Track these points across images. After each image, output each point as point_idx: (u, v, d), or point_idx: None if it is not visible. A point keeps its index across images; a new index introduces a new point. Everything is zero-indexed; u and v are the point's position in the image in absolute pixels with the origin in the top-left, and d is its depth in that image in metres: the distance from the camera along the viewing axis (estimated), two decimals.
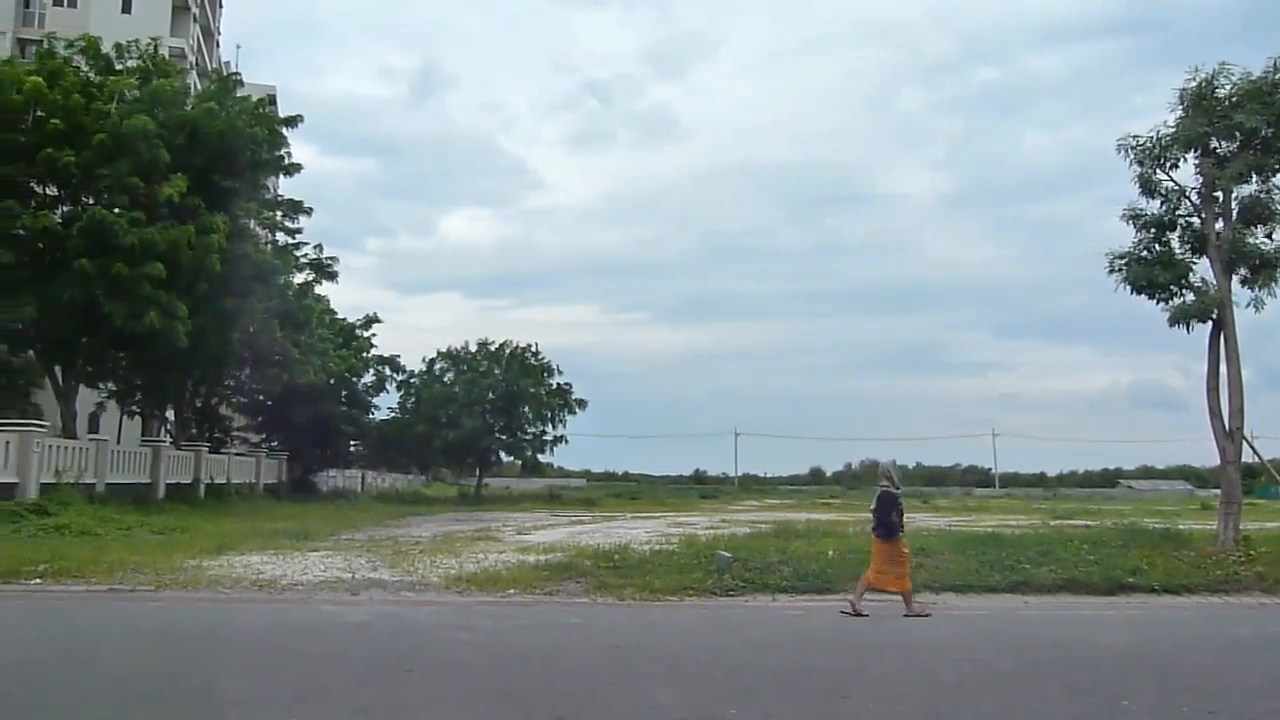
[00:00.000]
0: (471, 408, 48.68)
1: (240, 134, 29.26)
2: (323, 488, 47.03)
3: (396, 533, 22.26)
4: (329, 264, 40.02)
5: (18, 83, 25.86)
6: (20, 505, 20.37)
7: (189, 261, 25.98)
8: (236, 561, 14.48)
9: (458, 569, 14.00)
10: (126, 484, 27.33)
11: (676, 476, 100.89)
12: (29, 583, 11.95)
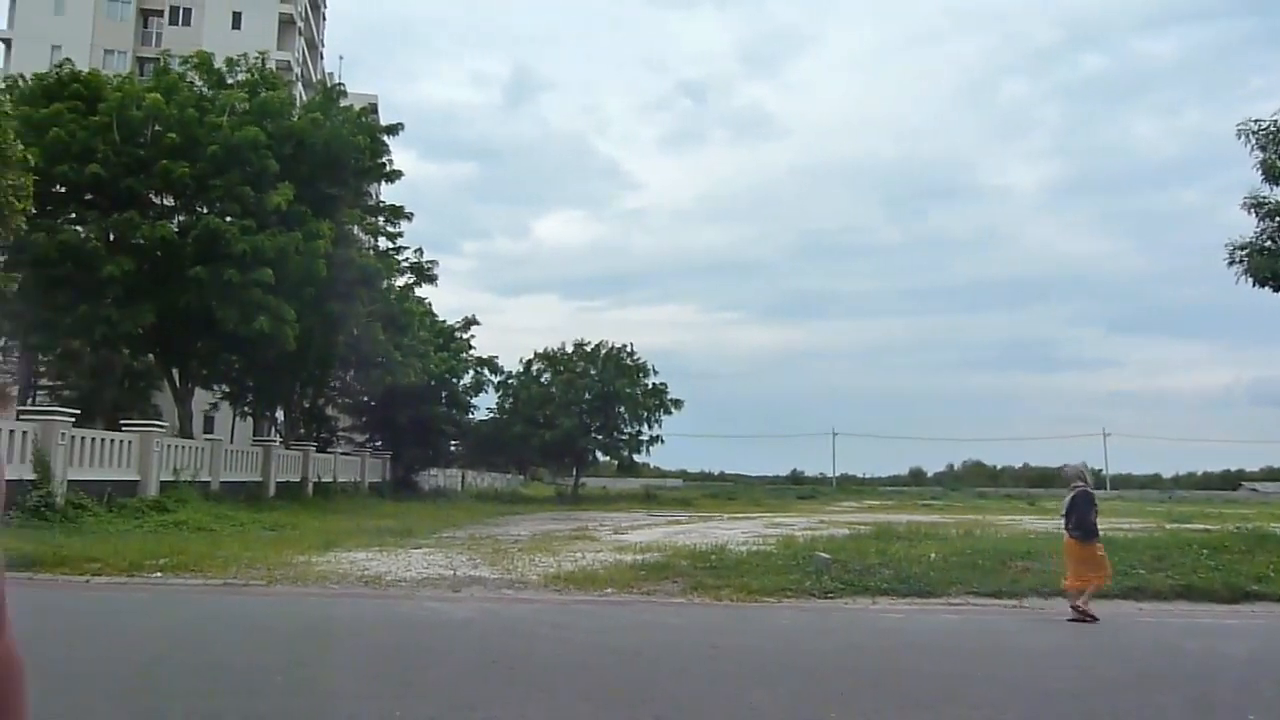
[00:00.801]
0: (568, 408, 49.12)
1: (344, 142, 30.13)
2: (424, 486, 48.06)
3: (496, 531, 22.59)
4: (429, 267, 40.93)
5: (137, 99, 27.10)
6: (142, 502, 21.33)
7: (296, 267, 26.84)
8: (343, 558, 14.87)
9: (556, 568, 14.12)
10: (239, 482, 28.36)
11: (773, 477, 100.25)
12: (150, 576, 12.47)
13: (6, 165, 19.94)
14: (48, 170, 24.08)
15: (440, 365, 42.25)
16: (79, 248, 25.70)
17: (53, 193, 26.15)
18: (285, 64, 50.60)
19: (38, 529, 16.11)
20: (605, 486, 62.78)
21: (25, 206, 21.00)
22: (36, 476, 18.25)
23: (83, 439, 20.80)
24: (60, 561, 12.71)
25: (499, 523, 26.81)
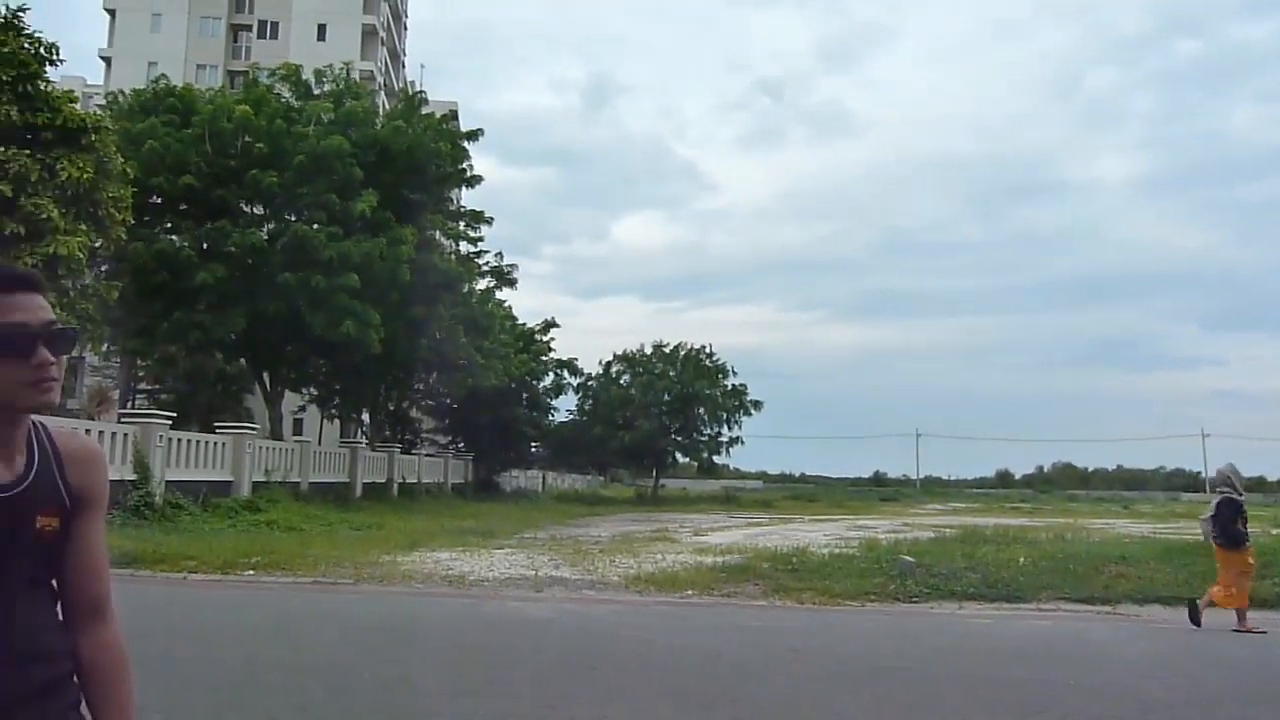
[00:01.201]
0: (647, 409, 49.17)
1: (426, 149, 30.67)
2: (506, 487, 48.60)
3: (576, 532, 22.72)
4: (509, 271, 41.38)
5: (228, 111, 27.97)
6: (235, 502, 21.97)
7: (381, 272, 27.39)
8: (428, 557, 15.11)
9: (636, 569, 14.14)
10: (327, 483, 29.03)
11: (855, 478, 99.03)
12: (244, 574, 12.83)
13: (108, 178, 20.75)
14: (145, 182, 25.00)
15: (521, 367, 42.66)
16: (174, 256, 26.61)
17: (149, 204, 27.15)
18: (369, 74, 51.75)
19: (138, 527, 16.71)
20: (685, 488, 62.71)
21: (125, 217, 21.83)
22: (136, 477, 18.91)
23: (179, 441, 21.50)
24: (159, 559, 13.16)
25: (579, 524, 26.97)
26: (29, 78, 19.65)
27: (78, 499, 1.74)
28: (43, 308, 1.66)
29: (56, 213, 19.13)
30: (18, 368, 1.60)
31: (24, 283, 1.66)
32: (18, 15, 19.79)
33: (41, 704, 1.66)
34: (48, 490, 1.69)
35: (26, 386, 1.60)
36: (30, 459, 1.68)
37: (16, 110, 19.23)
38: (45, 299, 1.69)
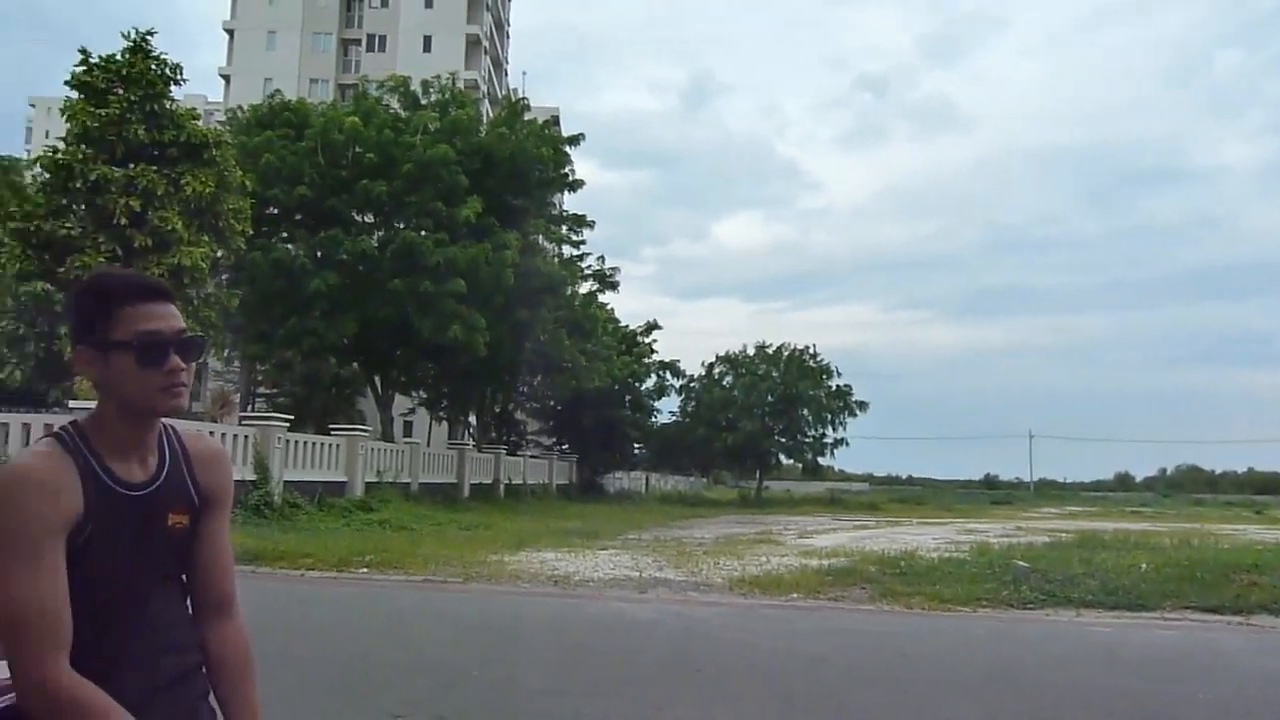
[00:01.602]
0: (750, 411, 48.86)
1: (528, 155, 31.13)
2: (609, 489, 48.93)
3: (680, 534, 22.69)
4: (611, 274, 41.70)
5: (339, 123, 28.89)
6: (349, 501, 22.63)
7: (486, 277, 27.91)
8: (534, 558, 15.28)
9: (740, 571, 14.04)
10: (436, 483, 29.67)
11: (965, 481, 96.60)
12: (357, 572, 13.19)
13: (228, 191, 21.66)
14: (262, 193, 26.03)
15: (623, 369, 42.90)
16: (290, 265, 27.61)
17: (266, 214, 28.24)
18: (473, 82, 52.76)
19: (258, 525, 17.34)
20: (789, 490, 62.12)
21: (244, 228, 22.76)
22: (257, 477, 19.65)
23: (296, 442, 22.24)
24: (278, 556, 13.62)
25: (683, 525, 26.94)
26: (156, 97, 20.66)
27: (205, 498, 1.81)
28: (175, 316, 1.74)
29: (181, 225, 20.05)
30: (154, 374, 1.67)
31: (159, 293, 1.73)
32: (145, 39, 20.84)
33: (173, 695, 1.73)
34: (178, 490, 1.76)
35: (160, 391, 1.68)
36: (161, 460, 1.76)
37: (144, 129, 20.24)
38: (176, 308, 1.76)
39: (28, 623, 1.54)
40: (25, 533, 1.56)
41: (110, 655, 1.64)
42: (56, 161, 20.14)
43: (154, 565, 1.73)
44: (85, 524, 1.62)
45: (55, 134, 25.10)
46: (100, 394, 1.71)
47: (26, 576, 1.54)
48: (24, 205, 20.28)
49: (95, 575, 1.64)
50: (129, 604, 1.69)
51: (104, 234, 19.61)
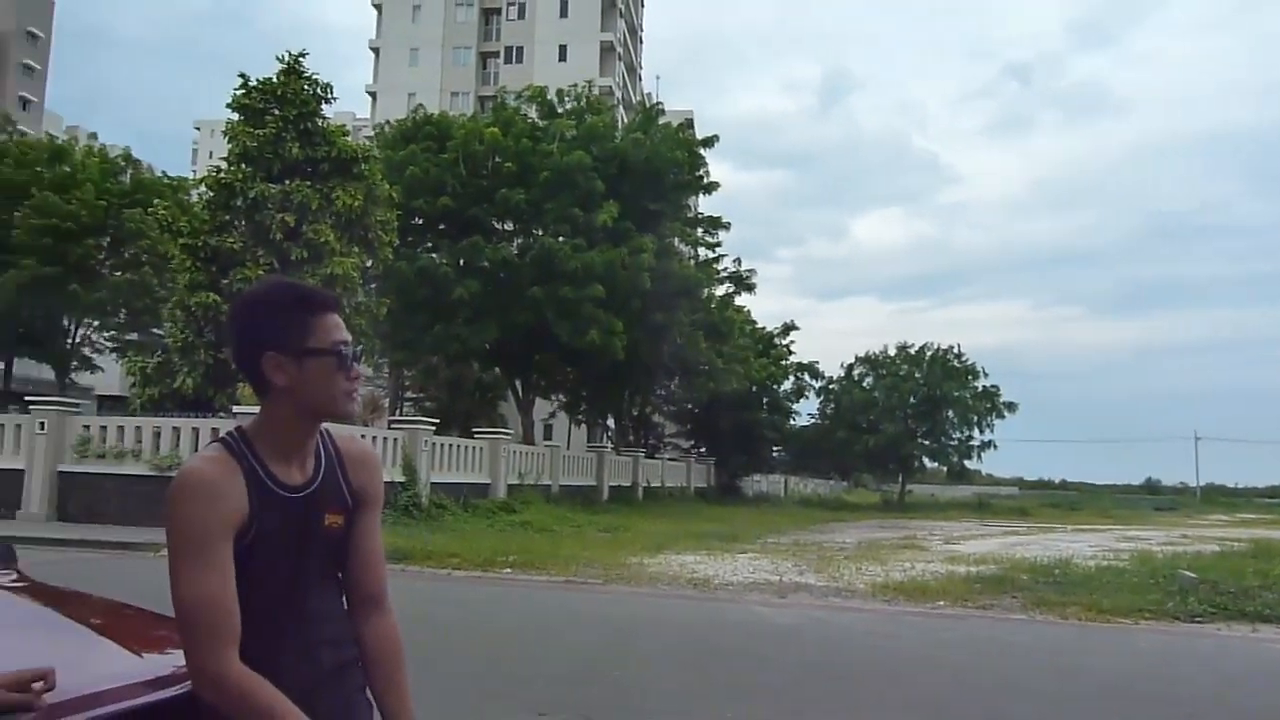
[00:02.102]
0: (892, 413, 47.81)
1: (663, 159, 31.28)
2: (747, 492, 48.64)
3: (820, 538, 22.36)
4: (747, 276, 41.40)
5: (479, 134, 29.69)
6: (492, 503, 23.16)
7: (623, 281, 28.18)
8: (672, 560, 15.30)
9: (884, 577, 13.71)
10: (575, 486, 30.09)
11: (1124, 485, 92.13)
12: (501, 572, 13.47)
13: (376, 204, 22.51)
14: (407, 205, 26.94)
15: (760, 372, 42.61)
16: (434, 273, 28.50)
17: (411, 225, 29.22)
18: (607, 89, 53.38)
19: (407, 526, 17.93)
20: (933, 494, 60.48)
21: (391, 239, 23.62)
22: (405, 479, 20.32)
23: (442, 445, 22.91)
24: (426, 555, 14.05)
25: (823, 529, 26.54)
26: (308, 116, 21.67)
27: (358, 498, 1.87)
28: (345, 327, 1.83)
29: (333, 237, 20.95)
30: (343, 380, 1.76)
31: (336, 305, 1.84)
32: (298, 60, 21.88)
33: (332, 686, 1.80)
34: (333, 491, 1.83)
35: (345, 396, 1.77)
36: (318, 463, 1.83)
37: (299, 146, 21.24)
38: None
39: (200, 618, 1.61)
40: (196, 533, 1.64)
41: (275, 649, 1.72)
42: (219, 180, 21.35)
43: (314, 564, 1.80)
44: (251, 525, 1.69)
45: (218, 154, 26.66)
46: (275, 399, 1.77)
47: (198, 575, 1.62)
48: (192, 222, 21.58)
49: (261, 574, 1.71)
50: (292, 600, 1.76)
51: (263, 247, 20.66)
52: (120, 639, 2.05)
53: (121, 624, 2.21)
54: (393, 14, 61.94)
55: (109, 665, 1.88)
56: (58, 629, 2.12)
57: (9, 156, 32.62)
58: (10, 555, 2.50)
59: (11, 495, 17.92)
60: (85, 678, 1.71)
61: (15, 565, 2.49)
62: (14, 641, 1.96)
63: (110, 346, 35.50)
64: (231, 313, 1.86)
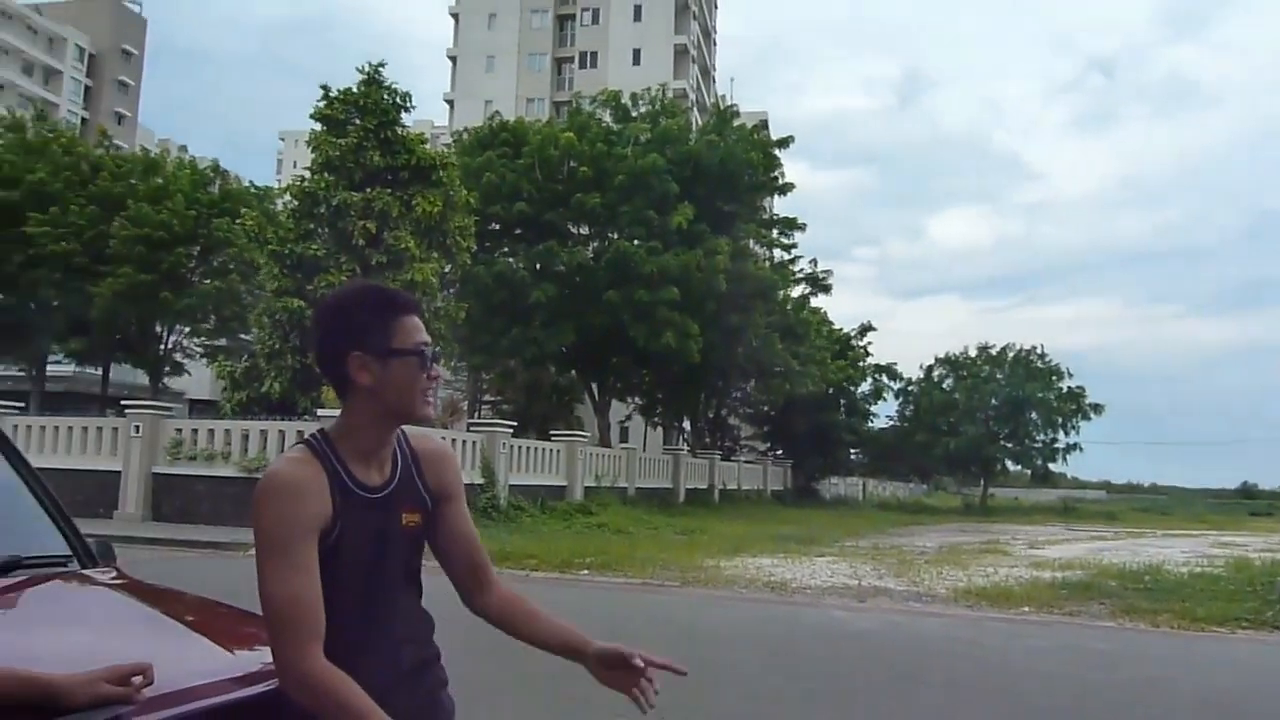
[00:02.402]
0: (973, 414, 46.93)
1: (737, 160, 31.19)
2: (825, 494, 48.17)
3: (900, 541, 22.04)
4: (823, 276, 41.07)
5: (554, 140, 29.96)
6: (569, 505, 23.33)
7: (698, 284, 28.17)
8: (749, 563, 15.22)
9: (966, 582, 13.45)
10: (652, 488, 30.13)
11: (1218, 490, 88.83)
12: (578, 573, 13.56)
13: (454, 210, 22.87)
14: (484, 210, 27.30)
15: (838, 373, 42.18)
16: (511, 277, 28.84)
17: (488, 230, 29.60)
18: (681, 92, 53.39)
19: (485, 527, 18.15)
20: (1017, 498, 59.11)
21: (469, 244, 23.97)
22: (484, 481, 20.58)
23: (519, 448, 23.15)
24: (505, 556, 14.20)
25: (902, 533, 26.15)
26: (388, 125, 22.11)
27: (435, 495, 1.91)
28: (425, 329, 1.87)
29: (413, 243, 21.35)
30: (424, 381, 1.80)
31: (417, 307, 1.88)
32: (378, 71, 22.35)
33: (412, 683, 1.85)
34: (410, 490, 1.87)
35: (421, 397, 1.80)
36: (395, 464, 1.87)
37: (379, 154, 21.69)
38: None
39: (285, 616, 1.66)
40: (281, 533, 1.68)
41: (356, 647, 1.75)
42: (303, 189, 21.91)
43: (394, 562, 1.84)
44: (334, 525, 1.73)
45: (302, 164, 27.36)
46: (358, 399, 1.81)
47: (284, 574, 1.66)
48: (278, 231, 22.18)
49: (343, 573, 1.75)
50: (373, 599, 1.80)
51: (346, 254, 21.14)
52: (213, 635, 2.12)
53: (214, 621, 2.29)
54: (469, 23, 62.87)
55: (202, 661, 1.94)
56: (154, 625, 2.20)
57: (106, 169, 33.95)
58: (110, 554, 2.59)
59: (109, 496, 18.61)
60: (180, 672, 1.77)
61: (114, 563, 2.59)
62: (114, 637, 2.04)
63: (200, 352, 36.71)
64: (317, 315, 1.90)
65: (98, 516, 17.57)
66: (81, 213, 31.74)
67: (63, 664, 1.60)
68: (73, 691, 1.55)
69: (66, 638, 1.97)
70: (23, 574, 2.21)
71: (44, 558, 2.36)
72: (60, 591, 2.32)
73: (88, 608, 2.29)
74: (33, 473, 2.52)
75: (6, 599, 2.09)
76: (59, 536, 2.48)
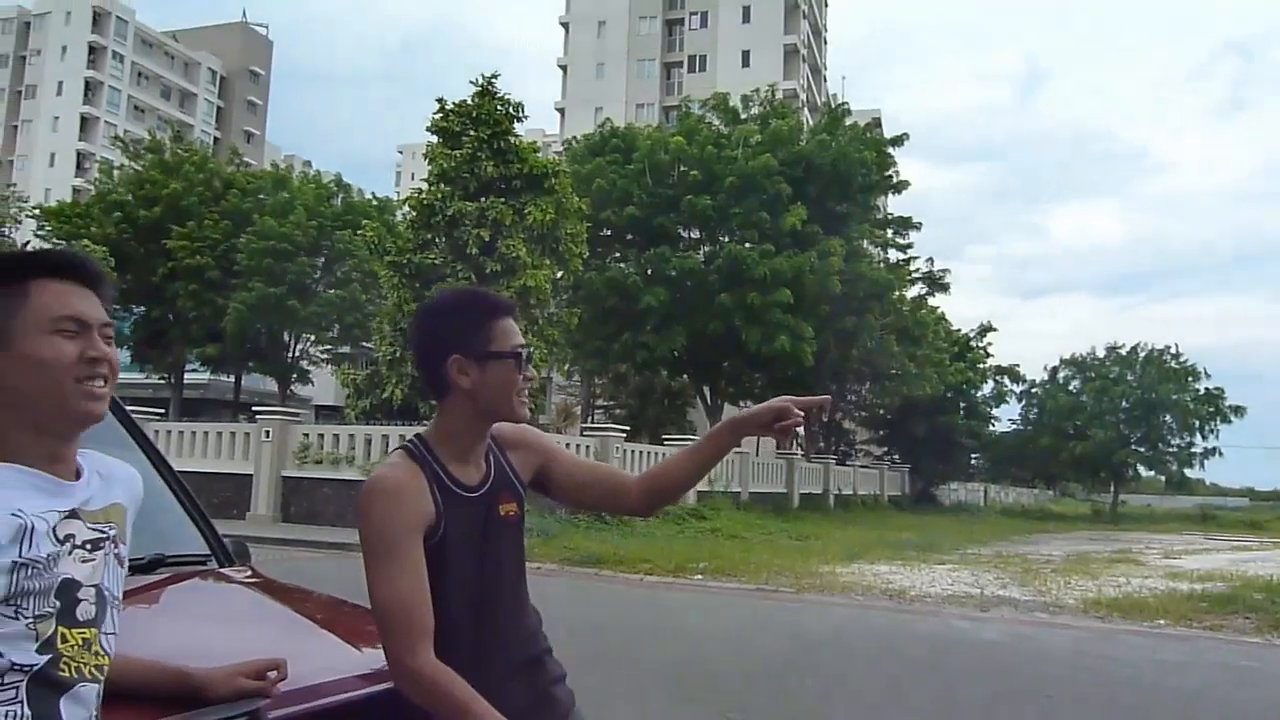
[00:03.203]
0: (1102, 418, 45.11)
1: (850, 160, 30.75)
2: (944, 500, 46.98)
3: (1024, 549, 21.34)
4: (940, 276, 40.12)
5: (664, 144, 30.07)
6: (682, 509, 23.29)
7: (811, 286, 27.87)
8: (866, 570, 14.95)
9: (1096, 592, 12.91)
10: (765, 493, 29.86)
11: None
12: (692, 578, 13.54)
13: (565, 217, 23.16)
14: (595, 216, 27.57)
15: (957, 375, 41.14)
16: (622, 283, 29.04)
17: (600, 236, 29.89)
18: (791, 92, 52.96)
19: (600, 531, 18.31)
20: (1149, 505, 56.60)
21: (581, 251, 24.23)
22: None
23: (633, 452, 23.26)
24: (619, 560, 14.30)
25: (1027, 540, 25.31)
26: (502, 135, 22.55)
27: (531, 472, 1.99)
28: (520, 332, 1.92)
29: (525, 251, 21.70)
30: (519, 382, 1.85)
31: (514, 311, 1.93)
32: (491, 82, 22.81)
33: (523, 680, 1.88)
34: (505, 482, 1.92)
35: (516, 398, 1.85)
36: (488, 460, 1.92)
37: (493, 164, 22.13)
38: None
39: (394, 616, 1.70)
40: (387, 536, 1.73)
41: (467, 643, 1.79)
42: (421, 201, 22.51)
43: (498, 559, 1.88)
44: (438, 525, 1.78)
45: (419, 176, 28.10)
46: (455, 401, 1.85)
47: (393, 575, 1.71)
48: (397, 241, 22.85)
49: (450, 571, 1.79)
50: (480, 596, 1.84)
51: (461, 263, 21.63)
52: (341, 633, 2.18)
53: (341, 619, 2.35)
54: (579, 31, 63.66)
55: (331, 658, 1.99)
56: (287, 622, 2.28)
57: (236, 186, 35.62)
58: (245, 554, 2.69)
59: (242, 498, 19.46)
60: (311, 668, 1.82)
61: (249, 563, 2.69)
62: (250, 633, 2.12)
63: (325, 359, 38.12)
64: (417, 320, 1.96)
65: (231, 518, 18.39)
66: (215, 227, 33.42)
67: (204, 658, 1.67)
68: (214, 684, 1.62)
69: (207, 633, 2.06)
70: (165, 572, 2.31)
71: (185, 556, 2.46)
72: (200, 589, 2.42)
73: (225, 605, 2.39)
74: (175, 476, 2.64)
75: (151, 595, 2.18)
76: (199, 537, 2.58)
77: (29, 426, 1.34)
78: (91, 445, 1.45)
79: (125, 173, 38.03)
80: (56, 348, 1.33)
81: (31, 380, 1.32)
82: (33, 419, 1.34)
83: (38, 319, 1.34)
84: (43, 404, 1.33)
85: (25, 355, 1.32)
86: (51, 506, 1.32)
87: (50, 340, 1.33)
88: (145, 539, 2.32)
